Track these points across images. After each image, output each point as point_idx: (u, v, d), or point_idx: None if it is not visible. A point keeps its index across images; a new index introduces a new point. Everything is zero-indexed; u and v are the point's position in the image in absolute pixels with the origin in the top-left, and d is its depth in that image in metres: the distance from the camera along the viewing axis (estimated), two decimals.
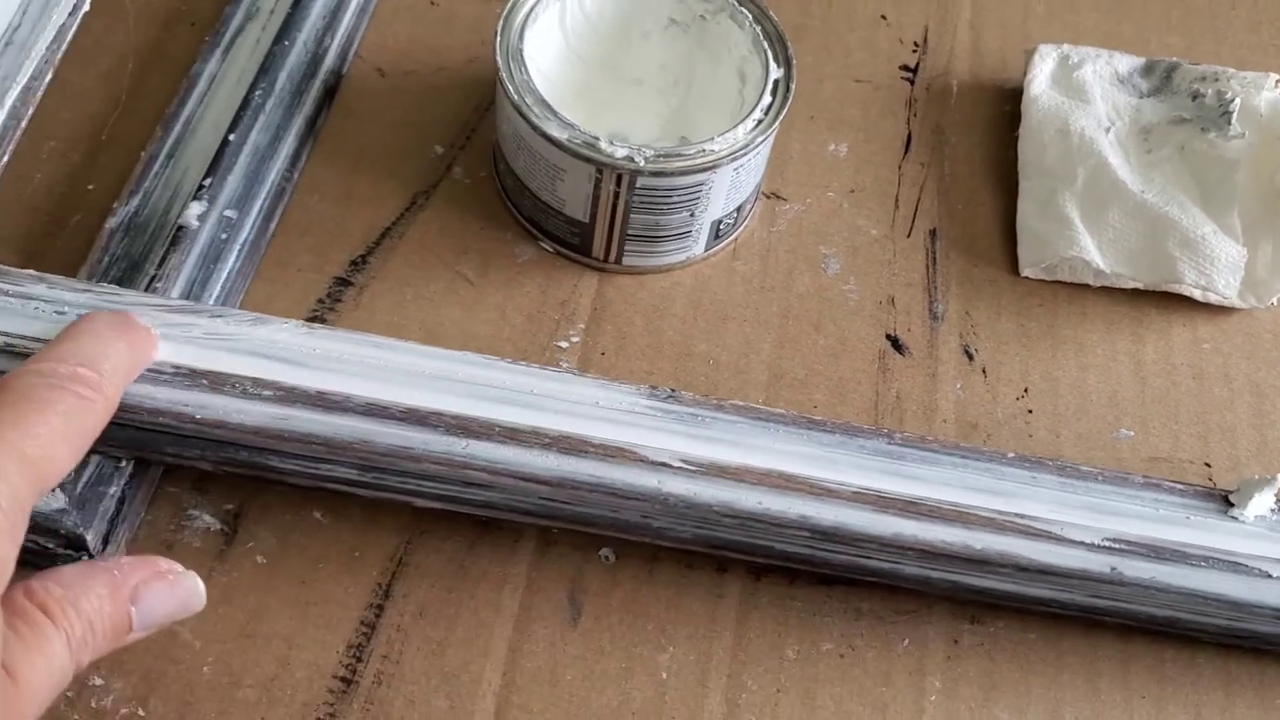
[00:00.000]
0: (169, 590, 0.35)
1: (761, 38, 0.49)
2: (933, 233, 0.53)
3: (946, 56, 0.59)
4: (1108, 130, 0.54)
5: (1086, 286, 0.52)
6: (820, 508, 0.40)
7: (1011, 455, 0.43)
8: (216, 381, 0.39)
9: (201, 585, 0.36)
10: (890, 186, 0.54)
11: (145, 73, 0.53)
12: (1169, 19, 0.62)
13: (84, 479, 0.40)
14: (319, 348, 0.41)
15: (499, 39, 0.47)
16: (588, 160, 0.45)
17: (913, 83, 0.57)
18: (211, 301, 0.45)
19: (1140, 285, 0.51)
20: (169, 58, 0.53)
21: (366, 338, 0.42)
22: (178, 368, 0.39)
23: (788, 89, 0.48)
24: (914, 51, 0.59)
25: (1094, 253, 0.51)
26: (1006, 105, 0.57)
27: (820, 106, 0.56)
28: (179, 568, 0.35)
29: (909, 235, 0.52)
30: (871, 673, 0.42)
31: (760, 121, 0.47)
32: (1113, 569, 0.41)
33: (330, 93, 0.53)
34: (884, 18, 0.60)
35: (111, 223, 0.46)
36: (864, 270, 0.51)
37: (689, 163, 0.45)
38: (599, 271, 0.50)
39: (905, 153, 0.55)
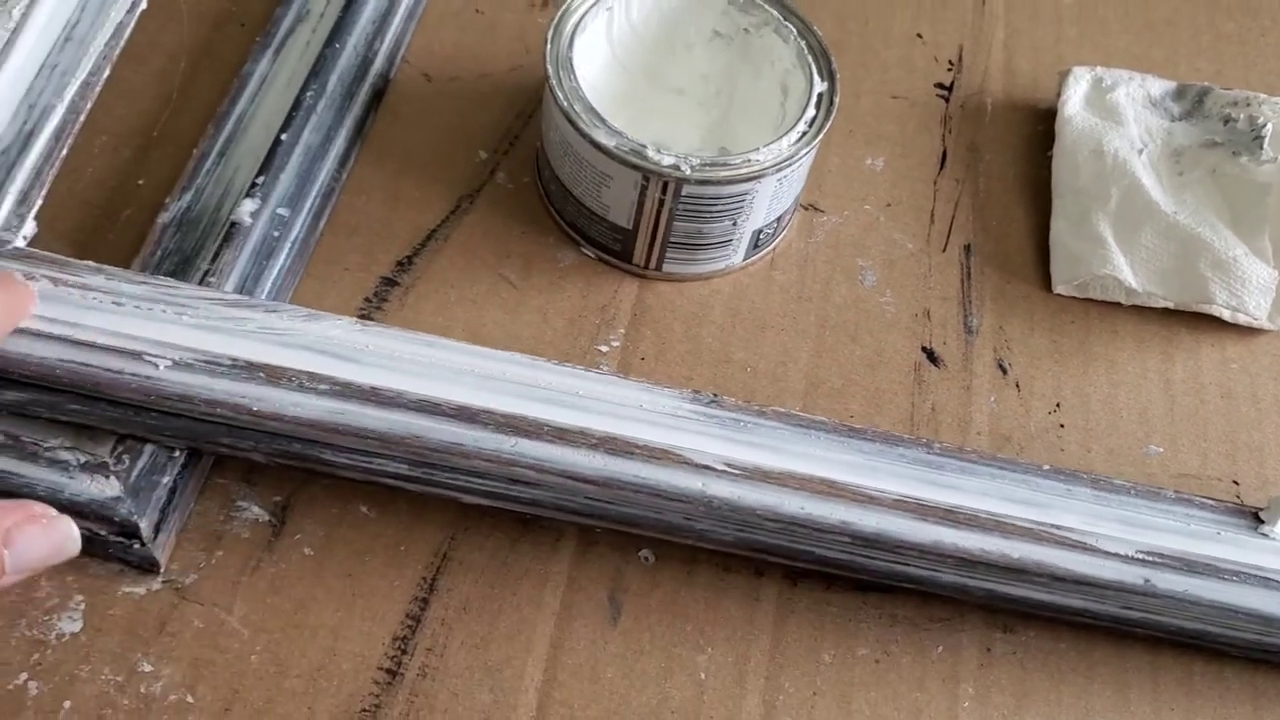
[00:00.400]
0: (43, 534, 0.35)
1: (806, 51, 0.50)
2: (967, 248, 0.53)
3: (981, 76, 0.60)
4: (1140, 152, 0.55)
5: (1117, 305, 0.53)
6: (862, 514, 0.41)
7: (1046, 467, 0.44)
8: (273, 375, 0.40)
9: (76, 530, 0.35)
10: (926, 201, 0.55)
11: (195, 71, 0.54)
12: (1199, 44, 0.62)
13: (138, 468, 0.41)
14: (371, 344, 0.42)
15: (549, 47, 0.48)
16: (634, 167, 0.46)
17: (948, 100, 0.58)
18: (263, 297, 0.46)
19: (1171, 305, 0.52)
20: (219, 58, 0.54)
21: (417, 336, 0.43)
22: (234, 360, 0.40)
23: (831, 102, 0.49)
24: (949, 70, 0.60)
25: (1126, 271, 0.52)
26: (1039, 125, 0.58)
27: (858, 121, 0.57)
28: (53, 512, 0.35)
29: (944, 250, 0.53)
30: (906, 678, 0.43)
31: (804, 134, 0.48)
32: (1146, 581, 0.41)
33: (378, 96, 0.54)
34: (919, 36, 0.61)
35: (164, 217, 0.47)
36: (900, 283, 0.52)
37: (734, 172, 0.46)
38: (639, 278, 0.51)
39: (940, 168, 0.56)
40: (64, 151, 0.45)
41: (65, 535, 0.35)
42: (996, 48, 0.61)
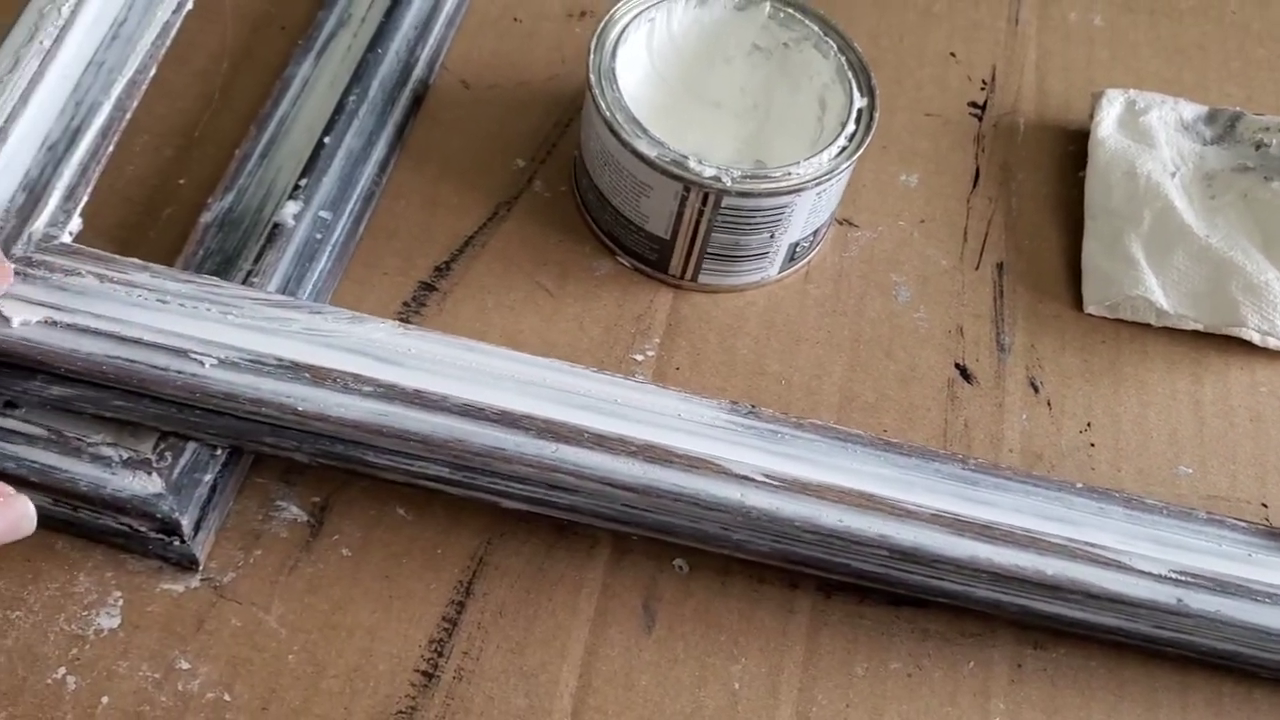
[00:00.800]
0: None
1: (846, 67, 0.50)
2: (1000, 266, 0.54)
3: (1013, 96, 0.60)
4: (1173, 175, 0.55)
5: (1148, 326, 0.53)
6: (899, 528, 0.41)
7: (1080, 486, 0.44)
8: (318, 375, 0.40)
9: (32, 509, 0.36)
10: (959, 219, 0.55)
11: (236, 73, 0.54)
12: (1230, 69, 0.63)
13: (180, 465, 0.41)
14: (414, 348, 0.42)
15: (592, 57, 0.49)
16: (675, 178, 0.46)
17: (981, 119, 0.59)
18: (304, 299, 0.46)
19: (1201, 327, 0.52)
20: (259, 59, 0.55)
21: (458, 340, 0.43)
22: (280, 360, 0.40)
23: (871, 118, 0.49)
24: (982, 89, 0.60)
25: (1158, 293, 0.52)
26: (1070, 145, 0.58)
27: (892, 138, 0.57)
28: (10, 490, 0.36)
29: (977, 267, 0.53)
30: (938, 692, 0.43)
31: (845, 148, 0.48)
32: (1179, 600, 0.42)
33: (417, 102, 0.54)
34: (953, 55, 0.61)
35: (206, 217, 0.47)
36: (934, 299, 0.52)
37: (775, 185, 0.47)
38: (674, 288, 0.51)
39: (974, 186, 0.56)
40: (110, 149, 0.45)
41: (21, 514, 0.36)
42: (1029, 68, 0.61)
